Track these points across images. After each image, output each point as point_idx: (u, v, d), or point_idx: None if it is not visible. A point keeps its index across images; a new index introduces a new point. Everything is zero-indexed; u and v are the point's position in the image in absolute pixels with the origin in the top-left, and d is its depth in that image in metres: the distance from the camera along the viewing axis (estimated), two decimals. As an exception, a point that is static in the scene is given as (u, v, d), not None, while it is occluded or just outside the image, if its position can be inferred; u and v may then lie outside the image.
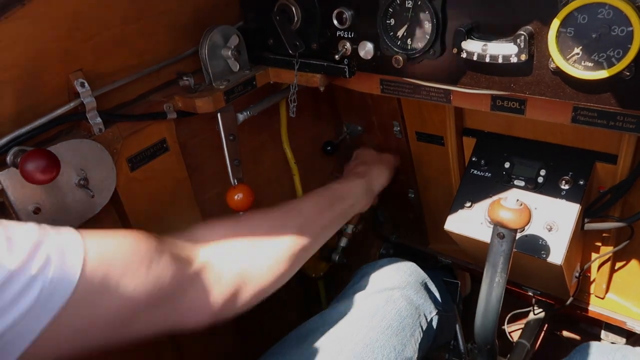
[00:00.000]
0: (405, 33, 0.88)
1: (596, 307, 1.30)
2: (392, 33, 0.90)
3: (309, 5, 0.98)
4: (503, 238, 0.92)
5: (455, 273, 1.64)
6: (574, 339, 1.80)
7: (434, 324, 1.12)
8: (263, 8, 1.04)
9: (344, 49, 0.97)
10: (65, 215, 0.90)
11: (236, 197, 1.16)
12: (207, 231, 0.87)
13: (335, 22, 0.95)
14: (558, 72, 0.75)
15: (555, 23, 0.71)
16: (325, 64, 1.02)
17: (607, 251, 1.20)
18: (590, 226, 1.11)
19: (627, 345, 1.21)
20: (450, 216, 1.19)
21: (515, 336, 1.60)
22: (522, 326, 1.58)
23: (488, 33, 0.80)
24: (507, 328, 1.68)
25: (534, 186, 1.12)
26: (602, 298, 1.30)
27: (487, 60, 0.78)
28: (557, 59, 0.73)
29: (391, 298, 1.06)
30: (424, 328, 1.08)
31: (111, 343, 0.68)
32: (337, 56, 0.97)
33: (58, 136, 0.92)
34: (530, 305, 1.54)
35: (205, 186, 1.22)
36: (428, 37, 0.85)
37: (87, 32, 0.88)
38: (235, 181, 1.17)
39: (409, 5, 0.85)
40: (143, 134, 1.03)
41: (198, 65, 1.06)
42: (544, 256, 1.06)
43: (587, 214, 1.11)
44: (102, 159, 0.94)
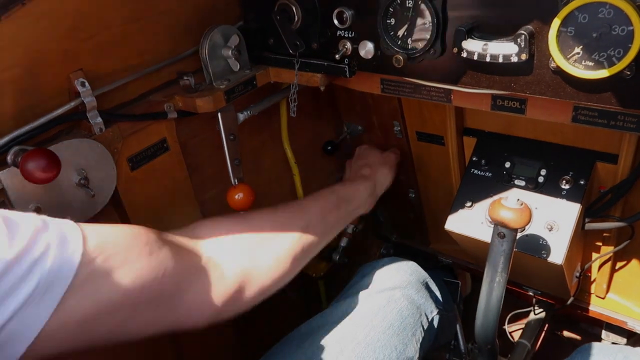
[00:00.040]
0: (405, 32, 0.88)
1: (597, 307, 1.30)
2: (393, 33, 0.90)
3: (310, 4, 0.98)
4: (503, 238, 0.92)
5: (455, 273, 1.64)
6: (575, 339, 1.80)
7: (435, 324, 1.12)
8: (263, 8, 1.04)
9: (345, 49, 0.97)
10: (65, 214, 0.89)
11: (236, 197, 1.16)
12: (211, 227, 0.87)
13: (335, 22, 0.95)
14: (558, 72, 0.75)
15: (555, 22, 0.71)
16: (325, 64, 1.02)
17: (608, 251, 1.20)
18: (590, 226, 1.11)
19: (629, 346, 1.21)
20: (450, 216, 1.19)
21: (515, 336, 1.60)
22: (523, 326, 1.58)
23: (488, 32, 0.80)
24: (508, 328, 1.68)
25: (535, 186, 1.12)
26: (603, 298, 1.30)
27: (488, 59, 0.78)
28: (558, 59, 0.73)
29: (392, 298, 1.06)
30: (425, 328, 1.08)
31: (112, 340, 0.67)
32: (338, 56, 0.97)
33: (58, 136, 0.92)
34: (530, 305, 1.54)
35: (205, 186, 1.22)
36: (428, 37, 0.85)
37: (88, 32, 0.88)
38: (235, 181, 1.17)
39: (410, 4, 0.85)
40: (143, 134, 1.03)
41: (198, 65, 1.06)
42: (545, 256, 1.06)
43: (588, 214, 1.11)
44: (103, 159, 0.94)
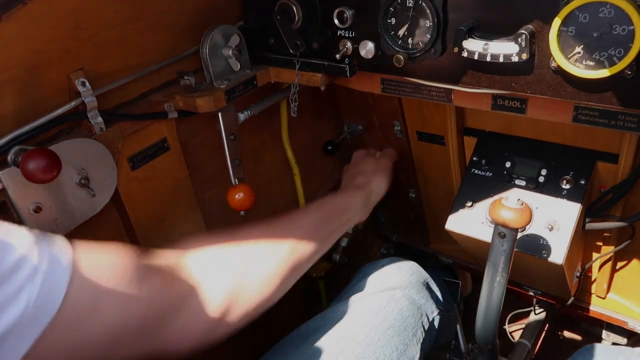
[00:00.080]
0: (406, 32, 0.88)
1: (597, 307, 1.30)
2: (393, 32, 0.90)
3: (310, 4, 0.98)
4: (504, 238, 0.92)
5: (456, 273, 1.64)
6: (575, 339, 1.79)
7: (436, 324, 1.12)
8: (264, 7, 1.04)
9: (345, 49, 0.97)
10: (66, 214, 0.90)
11: (237, 197, 1.16)
12: (199, 248, 0.84)
13: (336, 22, 0.95)
14: (559, 71, 0.75)
15: (556, 22, 0.71)
16: (326, 64, 1.02)
17: (609, 251, 1.20)
18: (591, 226, 1.11)
19: (629, 346, 1.21)
20: (451, 216, 1.19)
21: (516, 336, 1.60)
22: (523, 326, 1.58)
23: (489, 32, 0.80)
24: (508, 328, 1.68)
25: (535, 186, 1.12)
26: (604, 298, 1.30)
27: (488, 59, 0.78)
28: (558, 58, 0.73)
29: (393, 298, 1.06)
30: (426, 328, 1.08)
31: None
32: (338, 55, 0.97)
33: (59, 135, 0.92)
34: (531, 305, 1.54)
35: (206, 186, 1.22)
36: (429, 37, 0.85)
37: (88, 32, 0.88)
38: (236, 181, 1.17)
39: (410, 4, 0.85)
40: (144, 134, 1.03)
41: (199, 64, 1.06)
42: (545, 256, 1.06)
43: (588, 214, 1.11)
44: (103, 158, 0.94)
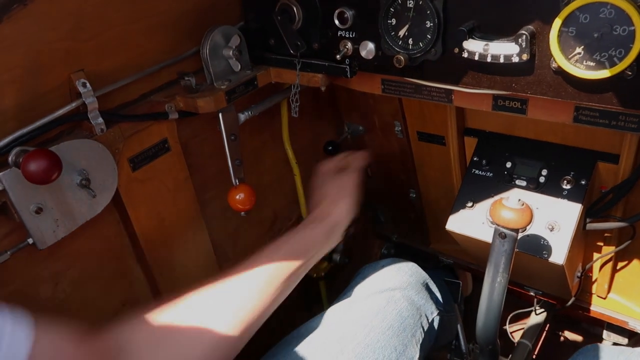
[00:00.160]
0: (406, 33, 0.88)
1: (598, 307, 1.30)
2: (394, 33, 0.90)
3: (310, 5, 0.98)
4: (505, 238, 0.92)
5: (456, 273, 1.64)
6: (576, 339, 1.79)
7: (436, 325, 1.12)
8: (264, 8, 1.04)
9: (346, 49, 0.97)
10: (67, 215, 0.90)
11: (237, 197, 1.16)
12: (137, 330, 0.81)
13: (336, 22, 0.95)
14: (560, 72, 0.75)
15: (556, 22, 0.71)
16: (326, 64, 1.02)
17: (609, 251, 1.20)
18: (592, 226, 1.11)
19: (630, 347, 1.21)
20: (451, 216, 1.19)
21: (517, 336, 1.60)
22: (524, 326, 1.58)
23: (489, 33, 0.80)
24: (509, 328, 1.68)
25: (536, 186, 1.12)
26: (604, 298, 1.30)
27: (489, 60, 0.78)
28: (559, 59, 0.73)
29: (392, 298, 1.06)
30: (426, 329, 1.08)
31: None
32: (339, 56, 0.97)
33: (60, 136, 0.92)
34: (531, 305, 1.54)
35: (206, 186, 1.22)
36: (429, 37, 0.85)
37: (89, 32, 0.88)
38: (236, 181, 1.17)
39: (410, 5, 0.85)
40: (144, 134, 1.03)
41: (199, 65, 1.06)
42: (546, 256, 1.06)
43: (589, 214, 1.11)
44: (104, 159, 0.94)
